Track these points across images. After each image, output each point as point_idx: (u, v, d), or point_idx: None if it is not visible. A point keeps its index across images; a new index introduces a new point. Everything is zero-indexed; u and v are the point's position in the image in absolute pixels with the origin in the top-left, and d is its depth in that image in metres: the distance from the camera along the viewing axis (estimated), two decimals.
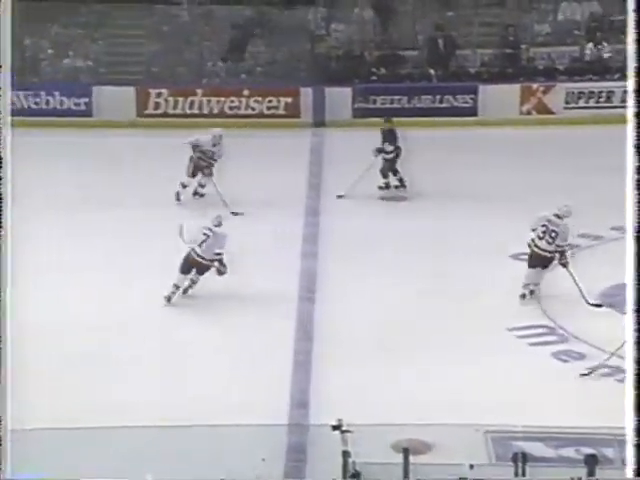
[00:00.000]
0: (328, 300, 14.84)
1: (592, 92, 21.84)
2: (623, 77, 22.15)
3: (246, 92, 22.30)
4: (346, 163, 20.02)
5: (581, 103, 21.79)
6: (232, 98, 22.29)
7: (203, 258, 14.41)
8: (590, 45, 22.48)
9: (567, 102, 21.77)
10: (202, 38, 23.17)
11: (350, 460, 8.57)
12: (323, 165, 20.33)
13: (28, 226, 16.87)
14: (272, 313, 14.42)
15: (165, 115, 22.17)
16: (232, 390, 12.45)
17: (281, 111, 22.22)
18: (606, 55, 22.37)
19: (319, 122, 21.99)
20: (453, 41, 22.70)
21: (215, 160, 18.04)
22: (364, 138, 20.98)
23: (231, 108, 22.27)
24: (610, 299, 14.61)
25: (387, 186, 18.25)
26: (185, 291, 14.67)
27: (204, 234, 14.48)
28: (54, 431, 11.18)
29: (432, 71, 22.60)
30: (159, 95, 22.24)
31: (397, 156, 18.19)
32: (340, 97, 22.08)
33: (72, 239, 16.56)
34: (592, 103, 21.79)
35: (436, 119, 21.70)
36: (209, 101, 22.30)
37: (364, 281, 15.26)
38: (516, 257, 16.02)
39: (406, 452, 8.47)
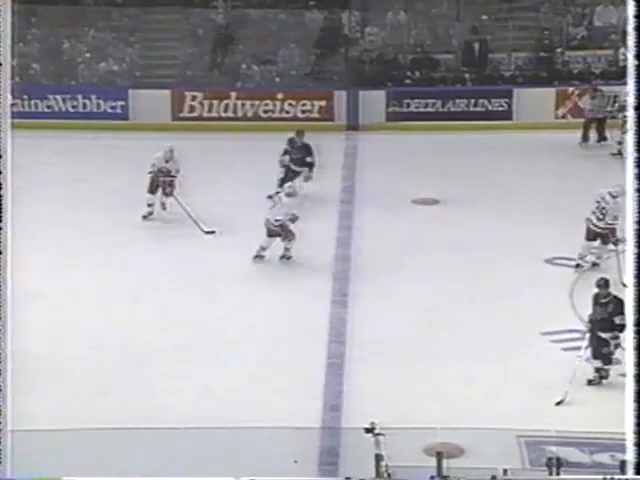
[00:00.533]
0: (361, 303, 14.85)
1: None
2: None
3: (280, 95, 22.31)
4: (380, 166, 20.05)
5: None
6: (266, 101, 22.30)
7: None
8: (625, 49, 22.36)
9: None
10: (237, 41, 23.20)
11: (383, 463, 8.56)
12: (356, 168, 20.31)
13: (64, 225, 17.12)
14: (307, 315, 14.45)
15: (200, 118, 22.20)
16: (267, 392, 12.49)
17: (315, 114, 22.20)
18: None
19: (353, 126, 21.96)
20: (488, 45, 22.65)
21: (173, 176, 17.33)
22: (398, 141, 21.05)
23: (265, 112, 22.27)
24: None
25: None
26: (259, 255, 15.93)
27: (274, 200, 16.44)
28: (95, 432, 11.27)
29: (467, 75, 22.54)
30: (194, 98, 22.29)
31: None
32: (374, 100, 22.04)
33: (102, 238, 16.68)
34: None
35: (471, 123, 21.63)
36: (243, 104, 22.32)
37: (397, 284, 15.25)
38: (550, 262, 15.99)
39: (439, 455, 8.44)
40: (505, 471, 9.85)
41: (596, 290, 12.99)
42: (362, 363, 13.27)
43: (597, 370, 12.83)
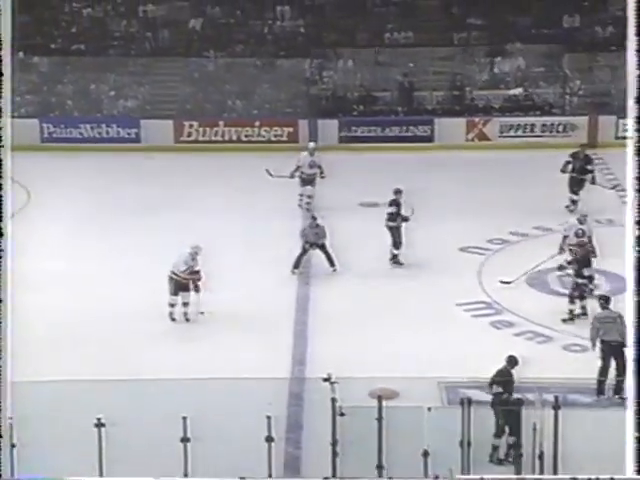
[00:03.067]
0: (320, 284, 14.82)
1: (519, 125, 21.82)
2: (543, 113, 22.24)
3: (257, 123, 22.25)
4: (334, 178, 20.00)
5: (512, 133, 21.76)
6: (247, 128, 22.23)
7: None
8: (518, 89, 22.48)
9: (501, 132, 21.69)
10: (224, 83, 23.13)
11: (337, 404, 8.56)
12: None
13: (89, 226, 16.99)
14: (279, 295, 14.41)
15: (196, 142, 22.09)
16: (249, 353, 12.44)
17: (284, 138, 22.10)
18: (530, 96, 22.39)
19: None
20: (414, 85, 22.69)
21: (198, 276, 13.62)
22: (348, 159, 21.02)
23: (246, 136, 22.22)
24: (533, 280, 14.68)
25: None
26: None
27: None
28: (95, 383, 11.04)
29: (399, 108, 22.56)
30: (191, 126, 22.18)
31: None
32: (329, 127, 21.94)
33: (115, 238, 16.55)
34: (520, 133, 21.77)
35: (403, 144, 21.64)
36: (229, 130, 22.25)
37: (348, 269, 15.23)
38: (464, 250, 16.04)
39: (380, 398, 8.46)
40: (429, 409, 9.89)
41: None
42: (321, 329, 13.27)
43: (571, 312, 13.00)
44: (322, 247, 15.07)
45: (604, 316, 11.50)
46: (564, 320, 13.10)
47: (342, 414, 8.54)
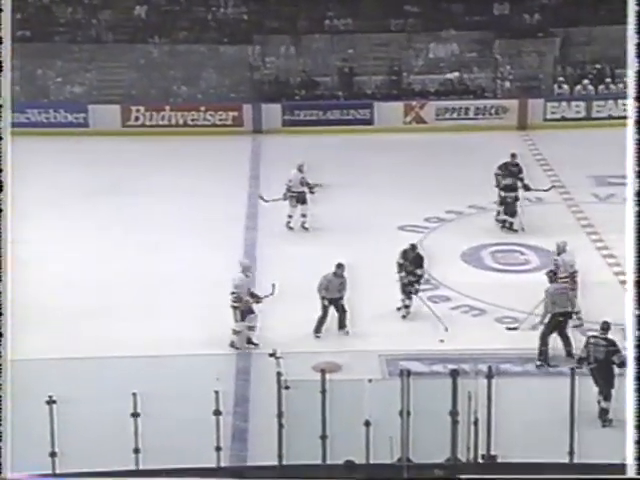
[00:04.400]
0: (266, 267, 14.78)
1: (454, 108, 21.97)
2: (476, 97, 22.42)
3: (203, 108, 22.07)
4: (278, 160, 19.98)
5: (447, 116, 21.89)
6: (192, 112, 22.04)
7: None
8: (454, 74, 22.62)
9: (437, 115, 21.82)
10: (169, 68, 22.88)
11: (282, 378, 8.58)
12: (260, 162, 20.23)
13: (36, 209, 16.73)
14: (223, 273, 14.33)
15: (143, 126, 21.83)
16: (196, 329, 12.39)
17: (229, 122, 21.97)
18: (464, 80, 22.54)
19: (257, 130, 21.80)
20: (354, 70, 22.69)
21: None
22: (291, 141, 21.00)
23: (192, 120, 22.02)
24: (468, 257, 14.85)
25: None
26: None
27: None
28: (50, 361, 10.95)
29: (340, 92, 22.55)
30: (138, 111, 21.91)
31: None
32: (273, 111, 21.87)
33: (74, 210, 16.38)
34: (455, 116, 21.93)
35: (344, 127, 21.65)
36: (175, 115, 22.03)
37: (294, 248, 15.22)
38: (403, 228, 16.14)
39: (323, 372, 8.48)
40: (370, 380, 9.95)
41: None
42: (266, 306, 13.21)
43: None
44: (340, 300, 12.41)
45: (555, 288, 11.70)
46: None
47: (287, 387, 8.56)
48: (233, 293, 11.98)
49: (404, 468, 8.20)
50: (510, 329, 12.34)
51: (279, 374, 8.53)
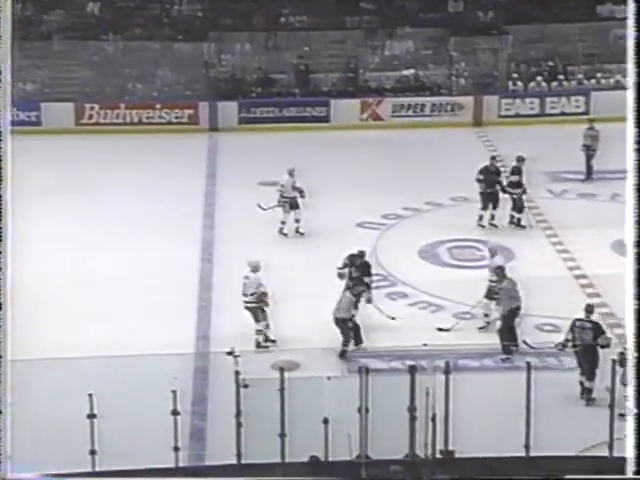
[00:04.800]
0: (223, 261, 14.74)
1: (410, 105, 22.07)
2: (432, 94, 22.56)
3: (158, 106, 21.91)
4: (234, 158, 19.93)
5: (403, 113, 22.00)
6: (148, 110, 21.87)
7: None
8: (410, 71, 22.72)
9: (393, 112, 21.92)
10: (123, 66, 22.66)
11: (240, 377, 8.55)
12: (217, 160, 20.14)
13: None
14: (183, 271, 14.27)
15: (97, 124, 21.61)
16: (153, 329, 12.30)
17: (185, 120, 21.86)
18: (419, 77, 22.66)
19: (213, 128, 21.71)
20: (310, 68, 22.69)
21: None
22: (247, 139, 20.95)
23: (147, 118, 21.86)
24: (425, 253, 14.94)
25: None
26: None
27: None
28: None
29: (296, 89, 22.53)
30: (92, 109, 21.67)
31: None
32: (229, 109, 21.79)
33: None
34: (411, 113, 22.04)
35: (300, 125, 21.64)
36: (131, 113, 21.83)
37: (250, 246, 15.15)
38: (361, 225, 16.16)
39: (281, 370, 8.48)
40: (329, 378, 9.95)
41: None
42: (224, 305, 13.20)
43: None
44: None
45: (510, 284, 11.82)
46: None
47: (245, 386, 8.55)
48: (253, 294, 11.91)
49: (362, 465, 8.23)
50: (442, 330, 12.13)
51: (237, 373, 8.51)
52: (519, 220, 15.72)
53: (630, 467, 6.60)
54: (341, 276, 12.48)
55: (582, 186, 17.72)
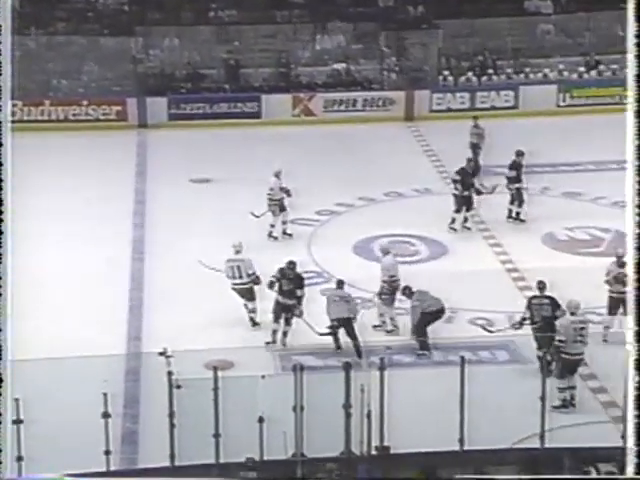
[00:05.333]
0: (154, 260, 14.62)
1: (342, 100, 22.16)
2: (363, 89, 22.69)
3: (85, 102, 21.57)
4: (164, 155, 19.75)
5: (335, 108, 22.05)
6: (74, 107, 21.51)
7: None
8: (341, 65, 22.80)
9: (325, 107, 21.96)
10: (47, 61, 22.24)
11: (173, 377, 8.49)
12: (147, 157, 19.93)
13: None
14: (113, 271, 14.09)
15: (21, 121, 21.12)
16: (82, 330, 12.13)
17: (113, 116, 21.56)
18: (351, 72, 22.75)
19: (142, 125, 21.46)
20: (240, 63, 22.59)
21: None
22: (178, 136, 20.77)
23: (73, 115, 21.49)
24: (359, 249, 15.03)
25: None
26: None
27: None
28: None
29: (226, 85, 22.41)
30: (15, 106, 21.15)
31: None
32: (158, 105, 21.54)
33: None
34: (343, 108, 22.11)
35: (231, 121, 21.54)
36: (56, 110, 21.44)
37: (179, 244, 15.07)
38: (294, 222, 16.02)
39: (215, 369, 8.44)
40: (263, 376, 9.94)
41: None
42: (156, 304, 13.10)
43: None
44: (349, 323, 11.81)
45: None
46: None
47: (178, 387, 8.49)
48: (251, 275, 12.47)
49: (298, 463, 8.25)
50: (322, 334, 11.76)
51: (170, 373, 8.45)
52: (518, 214, 15.80)
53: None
54: (271, 285, 12.19)
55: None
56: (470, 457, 8.28)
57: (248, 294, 12.42)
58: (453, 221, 15.62)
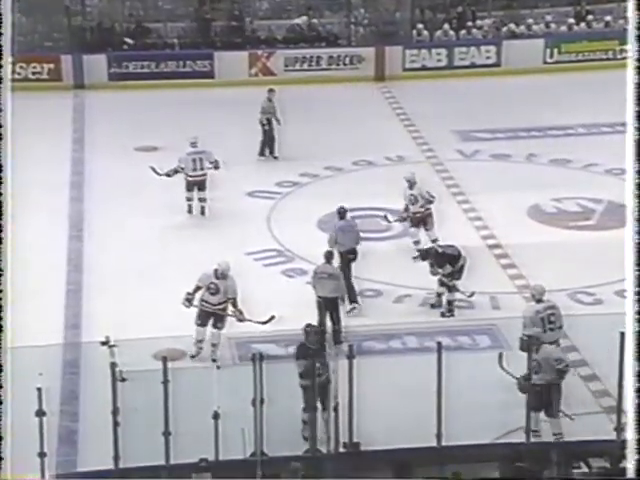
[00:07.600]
0: (94, 238, 14.53)
1: (305, 57, 22.07)
2: (328, 44, 22.60)
3: (11, 60, 21.22)
4: (105, 120, 19.58)
5: (297, 66, 21.98)
6: None
7: None
8: (303, 18, 22.69)
9: (286, 65, 21.90)
10: None
11: (117, 369, 8.44)
12: (85, 121, 19.74)
13: None
14: (48, 251, 13.98)
15: None
16: (13, 318, 12.02)
17: (45, 76, 21.35)
18: (314, 26, 22.67)
19: (79, 85, 21.28)
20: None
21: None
22: (119, 98, 20.58)
23: None
24: (325, 224, 15.04)
25: None
26: None
27: None
28: None
29: (175, 40, 22.24)
30: None
31: None
32: (96, 63, 21.38)
33: None
34: (306, 66, 22.05)
35: (180, 81, 21.39)
36: None
37: (124, 220, 15.00)
38: (252, 194, 16.14)
39: (164, 359, 8.40)
40: (218, 367, 9.91)
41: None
42: (97, 288, 13.03)
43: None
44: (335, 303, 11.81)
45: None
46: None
47: (123, 380, 8.46)
48: (212, 162, 15.27)
49: (258, 463, 8.27)
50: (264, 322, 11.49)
51: (113, 365, 8.41)
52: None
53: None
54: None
55: (495, 146, 18.11)
56: (448, 454, 8.34)
57: (204, 184, 14.86)
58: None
